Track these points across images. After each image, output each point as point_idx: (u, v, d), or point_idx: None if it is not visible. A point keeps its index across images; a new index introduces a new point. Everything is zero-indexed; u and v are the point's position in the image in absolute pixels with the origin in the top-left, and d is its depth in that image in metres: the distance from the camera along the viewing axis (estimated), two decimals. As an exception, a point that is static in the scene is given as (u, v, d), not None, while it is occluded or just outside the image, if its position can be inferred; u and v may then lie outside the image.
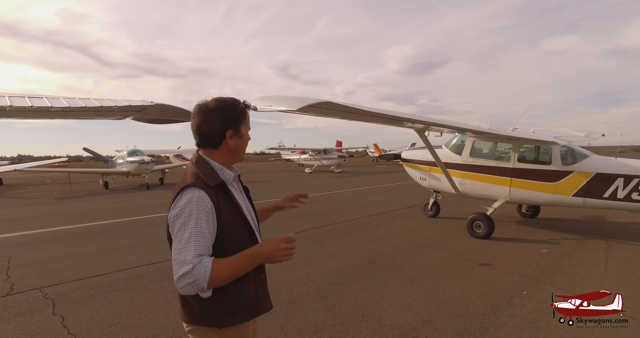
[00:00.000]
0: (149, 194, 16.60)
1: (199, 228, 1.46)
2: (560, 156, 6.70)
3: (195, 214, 1.46)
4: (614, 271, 5.02)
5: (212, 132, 1.59)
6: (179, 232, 1.46)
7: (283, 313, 3.91)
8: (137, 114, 2.82)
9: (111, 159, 22.72)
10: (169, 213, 1.52)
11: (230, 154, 1.66)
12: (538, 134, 7.51)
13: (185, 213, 1.46)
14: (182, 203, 1.48)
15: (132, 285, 4.78)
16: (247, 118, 1.69)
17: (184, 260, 1.41)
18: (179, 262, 1.42)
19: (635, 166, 6.06)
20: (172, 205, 1.51)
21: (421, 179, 8.56)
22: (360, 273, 5.13)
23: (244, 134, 1.66)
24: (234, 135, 1.61)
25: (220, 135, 1.59)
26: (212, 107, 1.58)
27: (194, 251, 1.43)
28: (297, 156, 30.70)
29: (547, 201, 6.91)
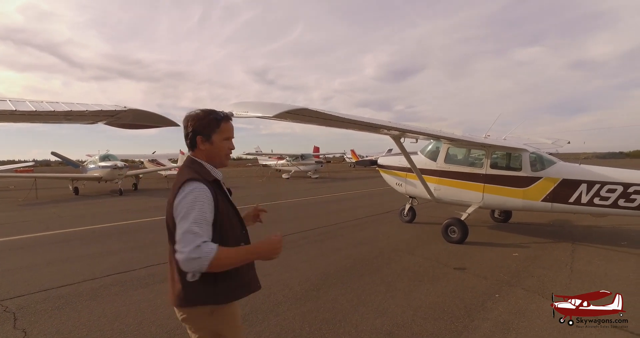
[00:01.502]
0: (121, 200, 16.12)
1: (203, 214, 1.65)
2: (529, 163, 6.96)
3: (199, 201, 1.66)
4: (578, 272, 5.24)
5: (187, 136, 1.86)
6: (186, 214, 1.63)
7: (260, 319, 3.86)
8: (110, 118, 2.75)
9: (82, 163, 21.95)
10: (174, 201, 1.70)
11: (207, 158, 1.87)
12: (509, 141, 7.78)
13: (190, 198, 1.66)
14: (187, 191, 1.68)
15: (102, 295, 4.62)
16: (221, 128, 1.86)
17: (192, 239, 1.58)
18: (187, 239, 1.58)
19: (597, 172, 6.37)
20: (177, 194, 1.69)
21: (397, 185, 8.68)
22: (337, 279, 5.14)
23: (215, 141, 1.85)
24: (204, 140, 1.84)
25: (193, 140, 1.84)
26: (187, 116, 1.86)
27: (200, 231, 1.61)
28: (275, 162, 30.56)
29: (517, 206, 7.15)
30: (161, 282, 5.08)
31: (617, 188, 6.05)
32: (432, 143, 8.09)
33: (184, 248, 1.57)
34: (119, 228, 9.31)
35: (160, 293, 4.66)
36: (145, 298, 4.49)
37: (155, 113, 2.78)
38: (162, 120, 2.86)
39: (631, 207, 5.94)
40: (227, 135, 1.90)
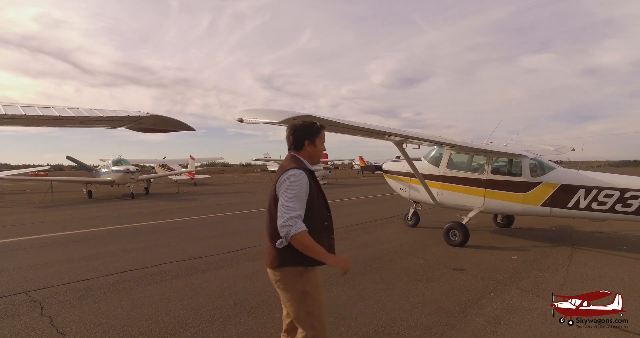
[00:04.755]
0: (133, 204, 16.54)
1: (300, 193, 2.16)
2: (529, 168, 7.15)
3: (298, 182, 2.19)
4: (573, 274, 5.41)
5: (296, 139, 2.43)
6: (287, 190, 2.15)
7: (265, 313, 4.13)
8: (133, 123, 3.07)
9: (95, 168, 22.55)
10: (277, 181, 2.24)
11: (309, 157, 2.46)
12: (510, 148, 7.97)
13: (291, 179, 2.19)
14: (290, 174, 2.22)
15: (119, 289, 4.93)
16: (321, 134, 2.50)
17: (290, 210, 2.09)
18: (286, 209, 2.09)
19: (594, 178, 6.54)
20: (281, 175, 2.23)
21: (401, 190, 8.90)
22: (339, 278, 5.35)
23: (317, 144, 2.47)
24: (310, 143, 2.44)
25: (301, 143, 2.43)
26: (296, 125, 2.48)
27: (296, 206, 2.12)
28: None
29: (517, 211, 7.33)
30: (174, 278, 5.38)
31: (615, 193, 6.21)
32: (435, 149, 8.31)
33: (284, 214, 2.08)
34: (130, 229, 9.67)
35: (172, 288, 4.96)
36: (159, 292, 4.79)
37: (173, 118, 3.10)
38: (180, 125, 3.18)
39: (628, 211, 6.10)
40: (324, 140, 2.53)
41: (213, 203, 16.65)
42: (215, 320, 3.93)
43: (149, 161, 34.58)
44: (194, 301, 4.49)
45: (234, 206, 14.97)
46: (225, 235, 8.81)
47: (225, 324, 3.85)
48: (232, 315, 4.06)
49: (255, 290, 4.82)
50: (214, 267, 6.01)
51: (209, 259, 6.46)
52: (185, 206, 15.45)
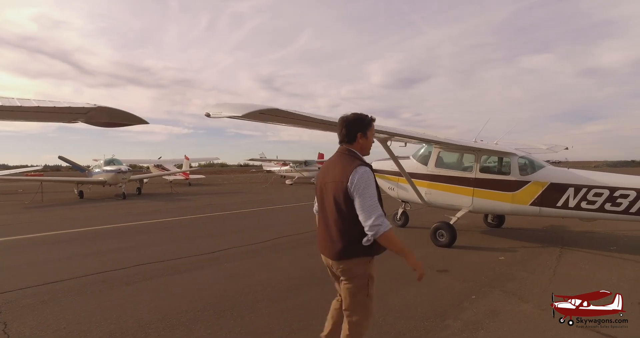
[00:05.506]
0: (124, 204, 16.36)
1: (375, 191, 2.28)
2: (518, 167, 6.97)
3: (372, 180, 2.30)
4: (560, 275, 5.23)
5: (348, 133, 2.47)
6: (365, 190, 2.23)
7: (235, 315, 3.96)
8: (84, 116, 2.88)
9: (88, 168, 22.34)
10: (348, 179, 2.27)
11: (361, 149, 2.50)
12: (500, 146, 7.78)
13: (365, 178, 2.26)
14: (362, 172, 2.27)
15: (89, 291, 4.75)
16: (372, 127, 2.53)
17: (375, 210, 2.22)
18: (374, 209, 2.22)
19: (584, 176, 6.37)
20: (352, 176, 2.26)
21: (390, 189, 8.73)
22: (319, 279, 5.19)
23: (369, 136, 2.52)
24: (362, 136, 2.48)
25: (354, 135, 2.46)
26: (349, 118, 2.51)
27: (378, 205, 2.27)
28: (279, 168, 30.74)
29: (506, 210, 7.15)
30: (148, 280, 5.21)
31: (604, 192, 6.04)
32: (424, 147, 8.13)
33: (371, 214, 2.21)
34: (117, 230, 9.50)
35: (145, 290, 4.79)
36: (129, 295, 4.62)
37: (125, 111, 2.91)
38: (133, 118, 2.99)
39: (617, 211, 5.92)
40: (374, 132, 2.59)
41: (205, 203, 16.48)
42: (180, 324, 3.76)
43: (144, 161, 34.38)
44: (163, 304, 4.32)
45: (226, 206, 14.79)
46: (211, 236, 8.64)
47: (189, 329, 3.67)
48: (199, 319, 3.88)
49: (227, 293, 4.65)
50: (192, 268, 5.84)
51: (188, 260, 6.28)
52: (176, 206, 15.28)
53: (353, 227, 2.32)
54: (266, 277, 5.38)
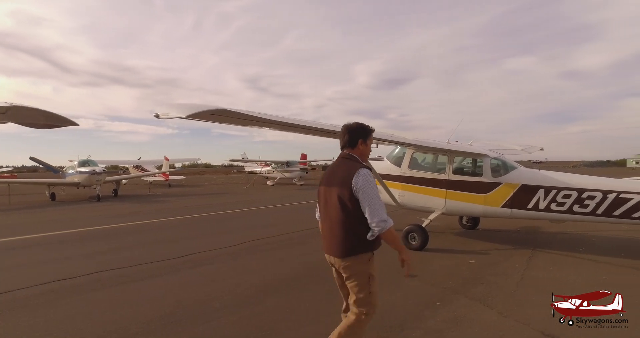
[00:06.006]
0: (98, 206, 15.89)
1: (378, 192, 2.54)
2: (490, 168, 6.91)
3: (373, 182, 2.55)
4: (528, 278, 5.16)
5: (351, 138, 2.73)
6: (370, 190, 2.48)
7: (189, 324, 3.77)
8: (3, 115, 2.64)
9: (62, 169, 21.64)
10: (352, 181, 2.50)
11: (360, 154, 2.74)
12: (473, 147, 7.72)
13: (369, 179, 2.52)
14: (364, 174, 2.52)
15: (34, 303, 4.45)
16: (371, 136, 2.81)
17: (381, 209, 2.47)
18: (378, 209, 2.46)
19: (554, 178, 6.34)
20: (355, 178, 2.50)
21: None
22: (284, 286, 5.03)
23: (368, 144, 2.79)
24: (363, 143, 2.75)
25: (355, 141, 2.73)
26: (352, 126, 2.78)
27: (382, 205, 2.52)
28: (260, 168, 30.41)
29: (479, 212, 7.10)
30: (102, 288, 4.97)
31: (572, 193, 6.02)
32: (398, 148, 8.02)
33: (377, 212, 2.45)
34: (82, 234, 9.13)
35: (96, 301, 4.55)
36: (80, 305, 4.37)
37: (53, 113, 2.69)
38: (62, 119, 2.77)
39: (585, 212, 5.90)
40: (372, 141, 2.85)
41: (182, 205, 16.13)
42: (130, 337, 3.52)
43: (123, 162, 33.64)
44: (114, 315, 4.07)
45: (204, 208, 14.47)
46: (184, 239, 8.38)
47: (133, 344, 3.44)
48: (149, 331, 3.65)
49: (185, 302, 4.42)
50: (157, 274, 5.63)
51: (155, 265, 6.05)
52: (152, 208, 14.89)
53: (358, 225, 2.54)
54: (235, 281, 5.21)
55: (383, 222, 2.45)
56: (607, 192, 5.73)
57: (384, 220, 2.45)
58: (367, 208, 2.46)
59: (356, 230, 2.54)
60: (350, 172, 2.54)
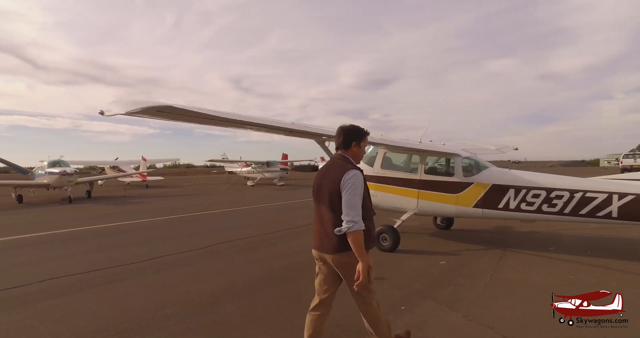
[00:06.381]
0: (69, 208, 15.31)
1: (360, 193, 2.61)
2: (462, 168, 6.85)
3: (360, 182, 2.63)
4: (497, 280, 5.09)
5: (345, 140, 2.83)
6: (352, 189, 2.56)
7: (135, 334, 3.50)
8: None
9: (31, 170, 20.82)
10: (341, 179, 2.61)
11: (353, 156, 2.85)
12: (442, 146, 7.64)
13: (355, 179, 2.60)
14: (352, 174, 2.62)
15: None
16: (365, 138, 2.91)
17: (357, 211, 2.55)
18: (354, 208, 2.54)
19: (523, 177, 6.32)
20: (345, 175, 2.61)
21: (337, 191, 8.43)
22: (244, 290, 4.83)
23: (362, 146, 2.89)
24: (356, 145, 2.84)
25: (349, 143, 2.83)
26: (347, 128, 2.87)
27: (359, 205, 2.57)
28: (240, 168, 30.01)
29: (451, 212, 7.03)
30: (55, 297, 4.64)
31: (541, 193, 5.99)
32: (371, 148, 7.88)
33: (351, 211, 2.53)
34: (45, 238, 8.71)
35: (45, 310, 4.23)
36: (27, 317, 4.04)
37: None
38: None
39: (553, 212, 5.88)
40: (366, 144, 2.95)
41: (157, 206, 15.69)
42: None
43: (99, 162, 32.69)
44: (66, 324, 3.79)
45: (178, 209, 14.09)
46: (148, 242, 8.06)
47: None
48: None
49: (135, 310, 4.18)
50: (112, 280, 5.36)
51: (112, 271, 5.77)
52: (125, 210, 14.41)
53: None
54: (195, 287, 4.99)
55: (352, 222, 2.52)
56: (574, 191, 5.72)
57: (354, 221, 2.52)
58: (344, 205, 2.56)
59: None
60: (341, 172, 2.66)
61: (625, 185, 5.65)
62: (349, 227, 2.51)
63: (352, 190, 2.56)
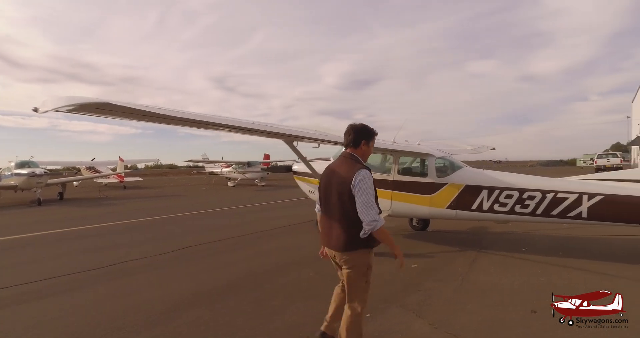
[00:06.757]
0: (38, 211, 14.72)
1: (373, 192, 2.69)
2: (435, 168, 6.74)
3: (371, 182, 2.68)
4: (468, 283, 4.97)
5: (355, 138, 2.87)
6: (366, 189, 2.62)
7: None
8: None
9: (0, 171, 19.98)
10: (352, 180, 2.64)
11: (362, 154, 2.90)
12: (416, 146, 7.52)
13: (366, 179, 2.65)
14: (363, 174, 2.66)
15: None
16: (374, 137, 2.95)
17: (372, 208, 2.62)
18: (372, 207, 2.62)
19: (497, 178, 6.24)
20: (354, 178, 2.64)
21: (310, 193, 8.26)
22: (207, 297, 4.60)
23: (370, 145, 2.92)
24: (365, 143, 2.89)
25: (359, 142, 2.87)
26: (358, 126, 2.92)
27: (375, 204, 2.66)
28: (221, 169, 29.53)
29: (424, 214, 6.92)
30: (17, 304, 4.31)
31: (514, 194, 5.92)
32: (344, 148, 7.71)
33: (370, 211, 2.59)
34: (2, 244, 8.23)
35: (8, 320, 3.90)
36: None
37: None
38: None
39: (525, 212, 5.81)
40: (373, 144, 2.97)
41: (132, 208, 15.21)
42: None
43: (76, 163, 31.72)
44: None
45: (153, 211, 13.69)
46: (114, 247, 7.71)
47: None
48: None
49: (84, 321, 3.90)
50: (67, 289, 5.07)
51: (67, 279, 5.47)
52: (96, 213, 13.93)
53: (356, 223, 2.67)
54: (149, 296, 4.70)
55: (374, 222, 2.59)
56: (546, 191, 5.66)
57: (375, 220, 2.59)
58: (360, 207, 2.61)
59: (355, 227, 2.68)
60: (350, 171, 2.69)
61: (595, 186, 5.62)
62: (373, 227, 2.60)
63: (365, 190, 2.62)
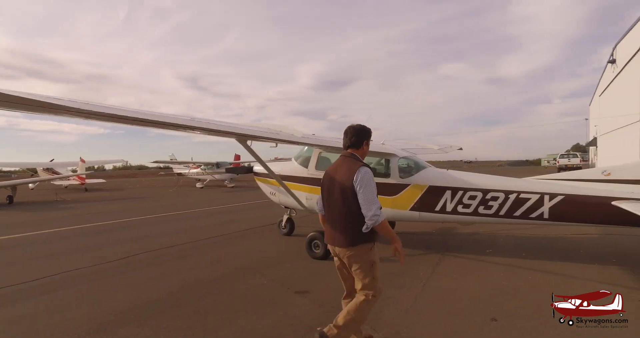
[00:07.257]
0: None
1: (375, 188, 2.85)
2: (398, 168, 6.47)
3: (372, 179, 2.87)
4: (428, 290, 4.70)
5: (358, 140, 3.09)
6: (367, 186, 2.80)
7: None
8: None
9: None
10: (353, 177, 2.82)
11: (362, 154, 3.13)
12: (379, 145, 7.23)
13: (367, 176, 2.84)
14: (364, 171, 2.85)
15: None
16: (371, 137, 3.21)
17: (375, 203, 2.78)
18: (374, 203, 2.77)
19: (460, 178, 6.04)
20: (356, 174, 2.82)
21: (271, 194, 7.86)
22: (143, 311, 4.11)
23: (369, 144, 3.18)
24: (366, 143, 3.15)
25: (361, 142, 3.11)
26: (360, 127, 3.14)
27: (377, 199, 2.82)
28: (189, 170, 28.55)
29: (387, 216, 6.60)
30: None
31: (477, 194, 5.72)
32: (305, 148, 7.36)
33: (371, 206, 2.76)
34: None
35: None
36: None
37: None
38: None
39: (489, 214, 5.62)
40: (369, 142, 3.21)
41: (87, 212, 14.26)
42: None
43: (33, 164, 29.89)
44: None
45: (109, 215, 12.83)
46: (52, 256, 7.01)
47: None
48: None
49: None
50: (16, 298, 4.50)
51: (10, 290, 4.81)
52: (45, 217, 12.95)
53: (359, 219, 2.78)
54: (77, 313, 4.17)
55: (375, 217, 2.72)
56: (509, 192, 5.48)
57: (377, 215, 2.72)
58: (362, 203, 2.75)
59: (357, 223, 2.79)
60: (352, 169, 2.84)
61: (556, 185, 5.49)
62: (375, 222, 2.72)
63: (367, 186, 2.76)
